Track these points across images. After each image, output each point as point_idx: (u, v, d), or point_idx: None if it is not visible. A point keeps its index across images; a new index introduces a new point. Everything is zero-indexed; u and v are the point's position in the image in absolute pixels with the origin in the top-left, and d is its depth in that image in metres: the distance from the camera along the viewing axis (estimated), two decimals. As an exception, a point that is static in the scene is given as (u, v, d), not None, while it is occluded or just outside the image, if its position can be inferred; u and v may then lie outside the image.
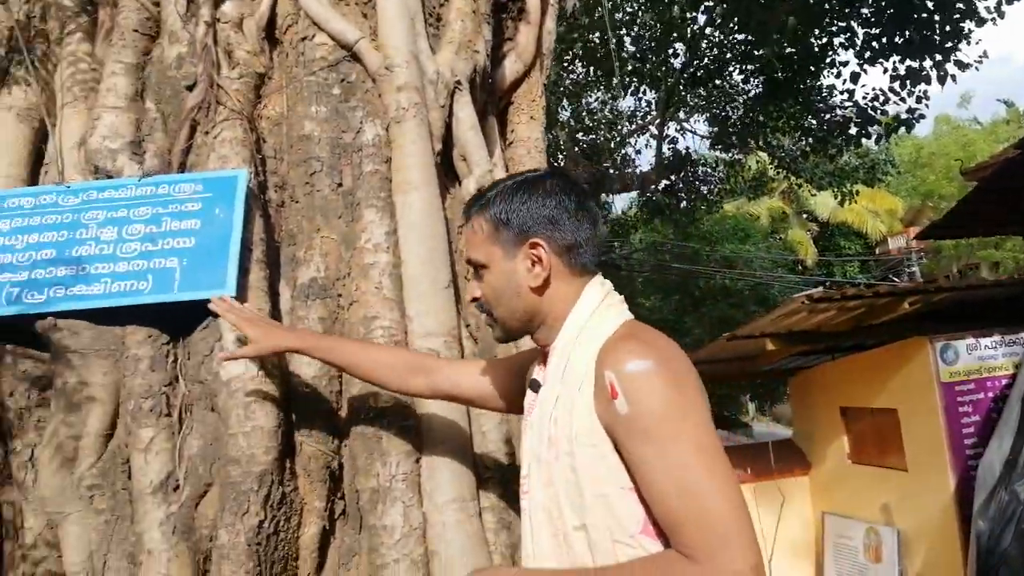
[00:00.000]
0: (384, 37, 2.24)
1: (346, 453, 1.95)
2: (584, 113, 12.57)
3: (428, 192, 2.17)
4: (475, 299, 1.35)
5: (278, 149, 2.16)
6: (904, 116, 9.07)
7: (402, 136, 2.18)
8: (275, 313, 1.96)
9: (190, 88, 2.04)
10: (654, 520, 1.09)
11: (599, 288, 1.27)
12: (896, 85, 8.77)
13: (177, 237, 1.86)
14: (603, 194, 12.20)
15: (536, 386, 1.31)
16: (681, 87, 11.13)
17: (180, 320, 1.87)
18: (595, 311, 1.23)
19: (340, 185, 2.11)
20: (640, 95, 12.17)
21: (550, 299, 1.26)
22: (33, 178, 2.10)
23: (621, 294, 1.31)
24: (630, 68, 10.90)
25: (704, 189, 13.33)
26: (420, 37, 2.34)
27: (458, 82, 2.43)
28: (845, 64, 9.53)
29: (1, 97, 2.10)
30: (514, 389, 1.50)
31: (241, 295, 1.85)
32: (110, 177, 1.98)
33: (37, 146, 2.12)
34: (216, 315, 1.76)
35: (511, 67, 2.92)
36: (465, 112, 2.45)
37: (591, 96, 12.53)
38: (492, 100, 2.78)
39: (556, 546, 1.18)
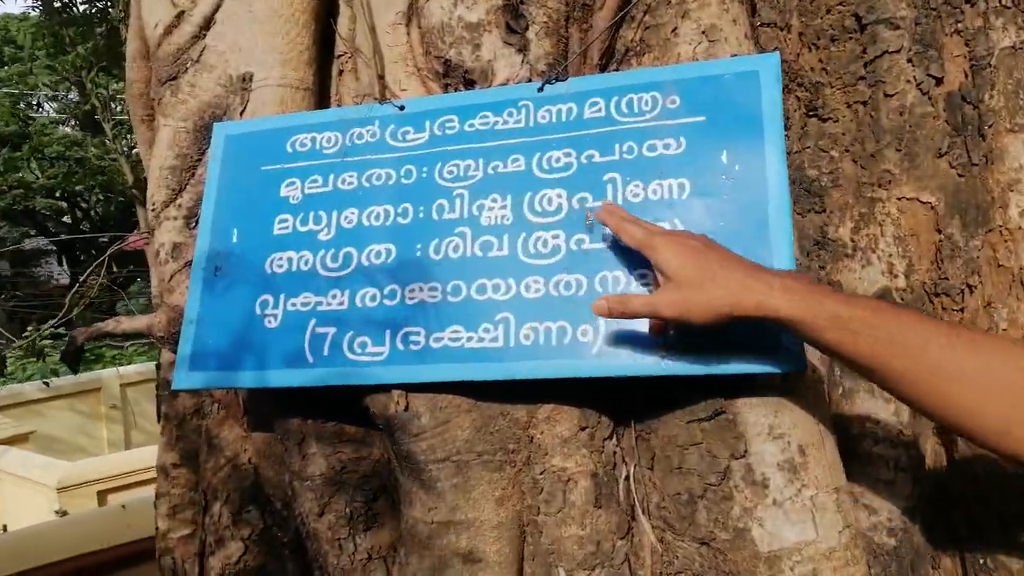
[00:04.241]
0: None
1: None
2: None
3: None
4: None
5: (785, 9, 1.03)
6: None
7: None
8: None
9: None
10: None
11: None
12: None
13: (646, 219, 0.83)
14: None
15: None
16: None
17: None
18: None
19: (939, 82, 0.95)
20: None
21: None
22: (322, 86, 1.15)
23: None
24: None
25: None
26: None
27: None
28: None
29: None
30: None
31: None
32: (472, 84, 0.97)
33: (325, 22, 1.15)
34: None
35: None
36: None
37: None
38: None
39: None
